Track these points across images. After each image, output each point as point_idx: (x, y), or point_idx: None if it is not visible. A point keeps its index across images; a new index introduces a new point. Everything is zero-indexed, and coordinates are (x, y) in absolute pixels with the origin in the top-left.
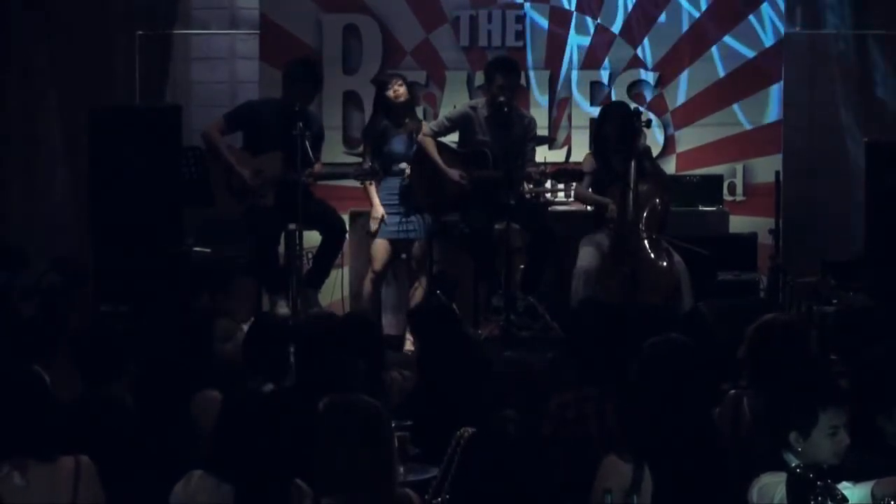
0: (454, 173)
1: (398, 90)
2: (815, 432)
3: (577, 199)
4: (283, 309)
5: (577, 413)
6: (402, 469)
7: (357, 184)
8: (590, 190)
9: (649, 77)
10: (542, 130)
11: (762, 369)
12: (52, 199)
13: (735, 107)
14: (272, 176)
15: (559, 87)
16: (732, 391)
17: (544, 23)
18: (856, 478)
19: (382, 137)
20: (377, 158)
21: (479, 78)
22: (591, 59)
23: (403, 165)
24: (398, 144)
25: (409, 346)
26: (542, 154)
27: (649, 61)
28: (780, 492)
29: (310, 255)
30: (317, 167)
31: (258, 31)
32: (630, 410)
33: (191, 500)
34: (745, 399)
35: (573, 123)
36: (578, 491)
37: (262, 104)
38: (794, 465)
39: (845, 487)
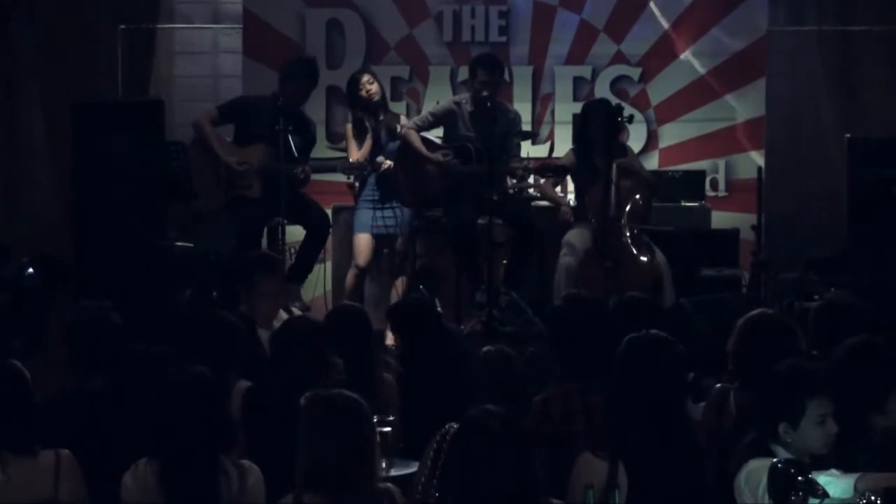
0: (437, 155)
1: (370, 89)
2: (803, 422)
3: (538, 189)
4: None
5: (562, 409)
6: (384, 464)
7: (342, 178)
8: (557, 188)
9: (632, 73)
10: (526, 126)
11: (752, 364)
12: (35, 193)
13: (718, 102)
14: (258, 166)
15: (542, 83)
16: (718, 385)
17: (528, 18)
18: (842, 469)
19: (363, 134)
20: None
21: (463, 73)
22: (574, 55)
23: (380, 159)
24: (380, 139)
25: (389, 340)
26: (525, 149)
27: (633, 57)
28: (766, 478)
29: (292, 251)
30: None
31: (241, 26)
32: (607, 407)
33: (141, 487)
34: (731, 393)
35: (556, 119)
36: (563, 487)
37: (256, 99)
38: (775, 459)
39: (832, 475)
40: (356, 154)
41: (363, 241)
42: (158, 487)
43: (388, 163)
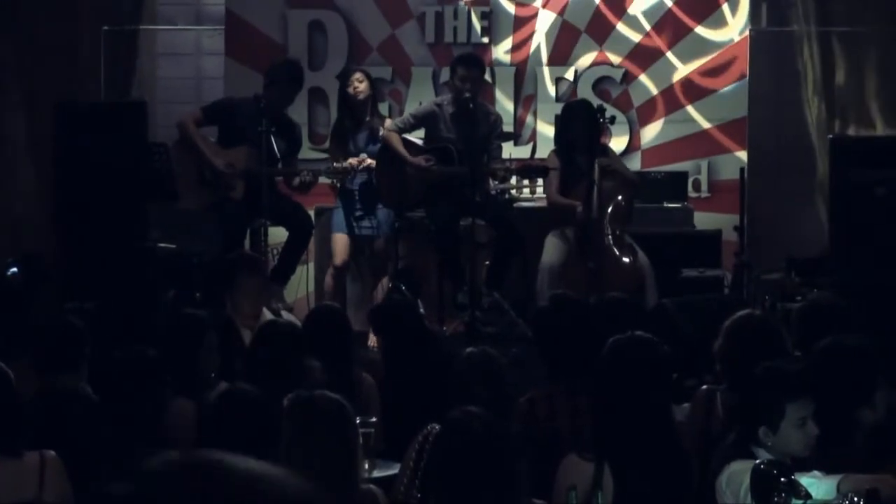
0: (419, 159)
1: (358, 87)
2: (783, 425)
3: (550, 204)
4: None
5: (547, 410)
6: (366, 465)
7: (324, 179)
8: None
9: (615, 73)
10: (508, 127)
11: (739, 366)
12: (17, 194)
13: (700, 103)
14: (242, 168)
15: (525, 84)
16: (705, 387)
17: (510, 19)
18: (825, 471)
19: (342, 134)
20: (340, 155)
21: (445, 74)
22: (556, 56)
23: (362, 156)
24: (360, 141)
25: (372, 342)
26: (508, 150)
27: (615, 58)
28: (748, 479)
29: (275, 252)
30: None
31: (223, 27)
32: (592, 408)
33: None
34: (718, 395)
35: (538, 120)
36: (549, 489)
37: (240, 101)
38: (758, 461)
39: (814, 476)
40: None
41: (340, 241)
42: None
43: (369, 161)
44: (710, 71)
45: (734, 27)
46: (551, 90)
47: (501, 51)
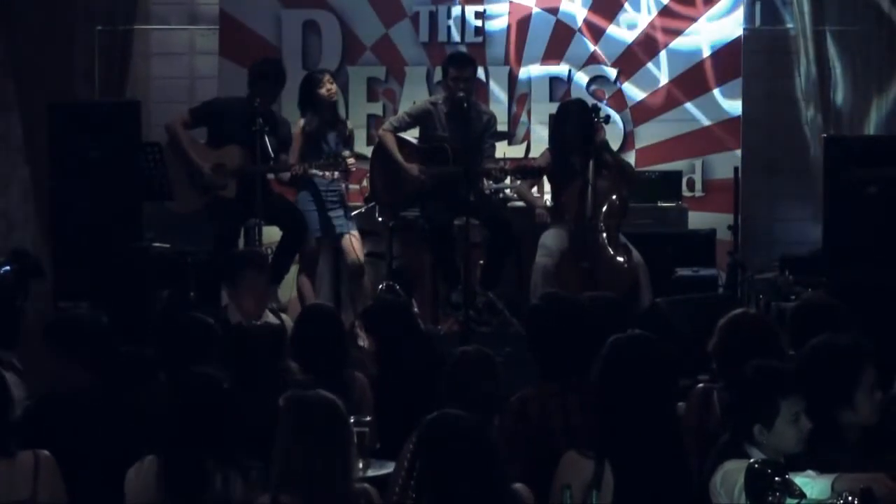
0: (413, 168)
1: (331, 88)
2: (777, 422)
3: (516, 192)
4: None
5: (539, 409)
6: (361, 464)
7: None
8: (534, 189)
9: (609, 73)
10: (502, 126)
11: (734, 364)
12: (11, 194)
13: (694, 103)
14: (233, 168)
15: (518, 83)
16: (701, 385)
17: (504, 18)
18: (819, 470)
19: (315, 135)
20: (310, 156)
21: (439, 73)
22: (550, 55)
23: (346, 153)
24: (330, 141)
25: (363, 341)
26: (502, 150)
27: (608, 57)
28: (742, 478)
29: (269, 251)
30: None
31: (217, 27)
32: (593, 407)
33: (143, 483)
34: (714, 393)
35: (532, 119)
36: (542, 487)
37: (228, 101)
38: (752, 460)
39: (808, 476)
40: (295, 158)
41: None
42: (158, 484)
43: (352, 160)
44: (704, 70)
45: (728, 26)
46: (545, 90)
47: (495, 50)
